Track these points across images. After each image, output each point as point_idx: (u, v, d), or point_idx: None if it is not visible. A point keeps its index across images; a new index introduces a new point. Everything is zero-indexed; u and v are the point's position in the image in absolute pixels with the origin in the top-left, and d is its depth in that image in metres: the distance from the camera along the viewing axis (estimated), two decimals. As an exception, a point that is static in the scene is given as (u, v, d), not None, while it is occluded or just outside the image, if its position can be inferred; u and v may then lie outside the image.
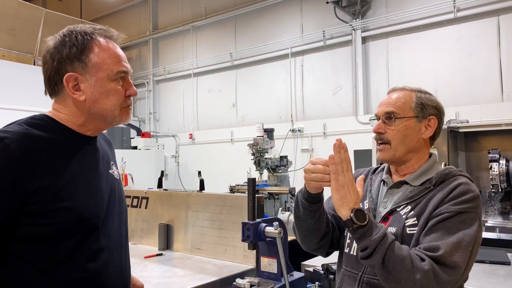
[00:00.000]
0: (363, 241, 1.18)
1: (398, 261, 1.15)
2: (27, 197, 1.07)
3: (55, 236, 1.12)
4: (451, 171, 1.36)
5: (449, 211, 1.23)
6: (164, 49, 8.58)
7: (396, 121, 1.38)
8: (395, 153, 1.39)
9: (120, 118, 1.27)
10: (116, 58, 1.24)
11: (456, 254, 1.17)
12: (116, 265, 1.28)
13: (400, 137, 1.38)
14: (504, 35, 4.80)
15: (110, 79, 1.22)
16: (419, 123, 1.39)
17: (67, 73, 1.18)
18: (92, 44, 1.21)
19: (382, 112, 1.42)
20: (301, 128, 6.33)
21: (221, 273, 2.48)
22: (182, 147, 8.02)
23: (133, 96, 1.29)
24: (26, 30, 6.90)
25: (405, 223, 1.29)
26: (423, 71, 5.33)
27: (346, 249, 1.44)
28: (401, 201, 1.35)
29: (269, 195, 4.76)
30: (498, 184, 3.67)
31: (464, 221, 1.22)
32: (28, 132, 1.13)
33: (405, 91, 1.43)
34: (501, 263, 2.34)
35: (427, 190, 1.33)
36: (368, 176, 1.55)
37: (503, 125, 3.90)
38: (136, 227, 3.35)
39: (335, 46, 6.17)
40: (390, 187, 1.43)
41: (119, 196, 1.35)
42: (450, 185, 1.29)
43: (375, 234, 1.17)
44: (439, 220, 1.23)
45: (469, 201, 1.25)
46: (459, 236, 1.19)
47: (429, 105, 1.41)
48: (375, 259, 1.17)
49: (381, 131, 1.40)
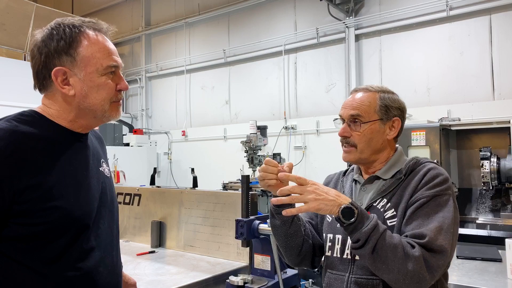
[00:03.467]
0: (355, 233, 1.20)
1: (390, 250, 1.17)
2: (15, 196, 1.04)
3: (45, 236, 1.09)
4: (419, 159, 1.41)
5: (424, 196, 1.27)
6: (157, 46, 8.52)
7: (362, 126, 1.39)
8: (361, 155, 1.42)
9: (110, 114, 1.24)
10: (105, 51, 1.20)
11: (440, 237, 1.20)
12: (108, 263, 1.26)
13: (366, 140, 1.40)
14: (495, 34, 4.83)
15: (99, 73, 1.19)
16: (383, 125, 1.42)
17: (55, 67, 1.15)
18: (80, 37, 1.18)
19: (347, 114, 1.43)
20: (294, 125, 6.33)
21: (214, 270, 2.47)
22: (174, 144, 7.99)
23: (124, 90, 1.26)
24: (17, 25, 6.81)
25: (384, 216, 1.32)
26: (415, 69, 5.36)
27: (328, 252, 1.44)
28: (376, 196, 1.38)
29: (262, 192, 4.77)
30: (489, 181, 3.71)
31: (440, 203, 1.26)
32: (16, 129, 1.09)
33: (369, 93, 1.44)
34: (493, 260, 2.36)
35: (398, 181, 1.36)
36: (340, 179, 1.58)
37: (495, 123, 3.94)
38: (129, 224, 3.33)
39: (328, 43, 6.18)
40: (363, 183, 1.45)
41: (110, 194, 1.33)
42: (421, 172, 1.34)
43: (366, 226, 1.19)
44: (416, 207, 1.27)
45: (440, 183, 1.29)
46: (439, 220, 1.23)
47: (393, 107, 1.43)
48: (366, 249, 1.18)
49: (347, 134, 1.42)
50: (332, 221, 1.46)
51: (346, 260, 1.37)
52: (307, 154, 6.16)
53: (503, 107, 4.60)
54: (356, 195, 1.46)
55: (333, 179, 1.61)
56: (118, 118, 1.29)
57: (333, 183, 1.59)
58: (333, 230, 1.44)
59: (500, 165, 3.69)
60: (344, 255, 1.38)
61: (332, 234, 1.44)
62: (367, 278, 1.30)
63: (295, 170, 1.43)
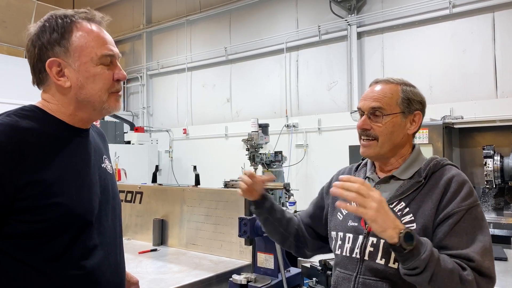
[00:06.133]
0: (412, 261, 1.11)
1: (447, 275, 1.12)
2: (16, 193, 1.02)
3: (46, 233, 1.07)
4: (438, 161, 1.36)
5: (458, 210, 1.22)
6: (158, 43, 8.49)
7: (384, 118, 1.34)
8: (381, 150, 1.36)
9: (109, 105, 1.21)
10: (100, 40, 1.18)
11: (486, 260, 1.17)
12: (112, 261, 1.24)
13: (387, 133, 1.34)
14: (499, 31, 4.80)
15: (94, 63, 1.16)
16: (404, 118, 1.37)
17: (49, 59, 1.13)
18: (72, 27, 1.16)
19: (367, 107, 1.37)
20: (295, 123, 6.31)
21: (217, 269, 2.46)
22: (175, 142, 7.97)
23: (122, 80, 1.22)
24: (18, 22, 6.79)
25: (402, 221, 1.25)
26: (418, 67, 5.33)
27: (338, 250, 1.40)
28: (393, 198, 1.32)
29: (266, 190, 4.74)
30: (492, 180, 3.68)
31: (476, 217, 1.22)
32: (17, 124, 1.07)
33: (390, 85, 1.38)
34: (499, 259, 2.34)
35: (418, 184, 1.30)
36: (351, 174, 1.52)
37: (498, 121, 3.92)
38: (130, 222, 3.31)
39: (330, 41, 6.15)
40: (378, 182, 1.39)
41: (112, 190, 1.31)
42: (444, 177, 1.28)
43: (423, 253, 1.11)
44: (454, 222, 1.21)
45: (470, 193, 1.25)
46: (481, 239, 1.19)
47: (415, 100, 1.39)
48: (423, 277, 1.12)
49: (367, 127, 1.36)
50: (343, 219, 1.42)
51: (355, 259, 1.33)
52: (308, 152, 6.14)
53: (506, 105, 4.58)
54: None
55: (344, 174, 1.55)
56: (118, 110, 1.25)
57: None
58: (344, 228, 1.41)
59: (504, 164, 3.67)
60: (354, 254, 1.34)
61: (343, 232, 1.40)
62: (375, 280, 1.26)
63: (296, 169, 1.42)
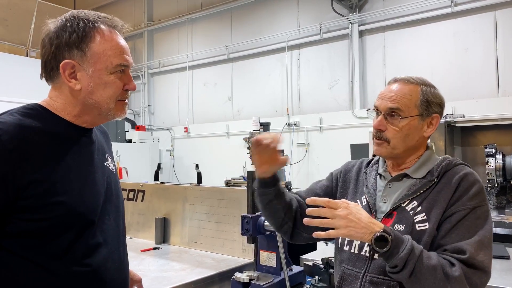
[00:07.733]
0: (391, 260, 1.14)
1: (429, 272, 1.12)
2: (19, 191, 1.03)
3: (49, 232, 1.08)
4: (451, 160, 1.34)
5: (463, 208, 1.22)
6: (159, 42, 8.50)
7: (401, 121, 1.30)
8: (393, 151, 1.34)
9: (115, 112, 1.21)
10: (118, 50, 1.18)
11: (481, 253, 1.16)
12: (115, 259, 1.24)
13: (401, 136, 1.31)
14: (501, 30, 4.80)
15: (108, 71, 1.16)
16: (422, 121, 1.33)
17: (64, 60, 1.13)
18: (94, 32, 1.16)
19: (384, 107, 1.33)
20: (297, 122, 6.31)
21: (219, 267, 2.46)
22: (177, 140, 7.97)
23: (132, 91, 1.24)
24: (19, 20, 6.79)
25: (414, 219, 1.25)
26: (419, 65, 5.32)
27: (346, 247, 1.38)
28: (405, 196, 1.30)
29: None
30: (494, 178, 3.67)
31: (479, 216, 1.21)
32: (20, 123, 1.07)
33: (410, 85, 1.34)
34: (500, 257, 2.34)
35: (431, 183, 1.29)
36: (362, 170, 1.49)
37: (500, 120, 3.91)
38: (132, 220, 3.32)
39: (331, 39, 6.14)
40: (390, 180, 1.37)
41: (115, 189, 1.31)
42: (456, 176, 1.27)
43: (402, 251, 1.12)
44: (457, 220, 1.21)
45: (479, 193, 1.24)
46: (480, 234, 1.18)
47: (434, 102, 1.35)
48: (403, 274, 1.13)
49: (382, 128, 1.33)
50: None
51: (364, 257, 1.32)
52: (310, 151, 6.14)
53: (508, 103, 4.57)
54: (381, 191, 1.38)
55: (354, 168, 1.53)
56: (123, 116, 1.26)
57: (355, 173, 1.51)
58: None
59: (506, 162, 3.66)
60: (362, 252, 1.32)
61: None
62: (383, 278, 1.24)
63: (297, 168, 1.42)
